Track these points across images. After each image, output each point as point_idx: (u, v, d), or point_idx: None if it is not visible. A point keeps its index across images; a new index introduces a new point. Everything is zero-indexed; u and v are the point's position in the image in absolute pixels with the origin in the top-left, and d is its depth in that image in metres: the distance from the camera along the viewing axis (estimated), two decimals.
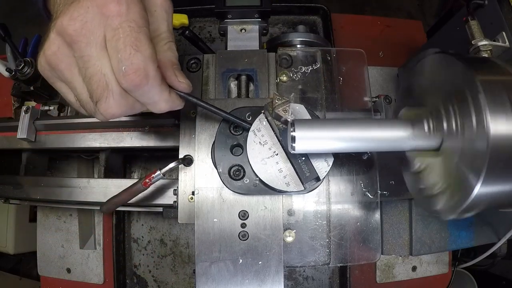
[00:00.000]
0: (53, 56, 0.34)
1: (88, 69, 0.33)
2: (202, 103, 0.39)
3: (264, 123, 0.41)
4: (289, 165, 0.41)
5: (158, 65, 0.34)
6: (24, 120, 0.55)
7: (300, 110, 0.42)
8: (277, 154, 0.41)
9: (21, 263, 1.40)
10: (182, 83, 0.37)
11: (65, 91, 0.38)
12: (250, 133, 0.41)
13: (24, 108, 0.56)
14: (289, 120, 0.39)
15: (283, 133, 0.41)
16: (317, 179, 0.41)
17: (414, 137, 0.38)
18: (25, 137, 0.54)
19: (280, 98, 0.40)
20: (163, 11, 0.38)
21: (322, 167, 0.41)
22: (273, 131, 0.41)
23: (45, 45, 0.35)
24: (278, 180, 0.41)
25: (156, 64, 0.33)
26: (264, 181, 0.41)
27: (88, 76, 0.33)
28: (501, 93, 0.31)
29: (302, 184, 0.41)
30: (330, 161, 0.41)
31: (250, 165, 0.41)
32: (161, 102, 0.36)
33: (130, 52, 0.32)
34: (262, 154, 0.41)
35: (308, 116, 0.42)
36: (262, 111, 0.42)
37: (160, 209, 0.54)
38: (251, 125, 0.42)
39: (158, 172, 0.44)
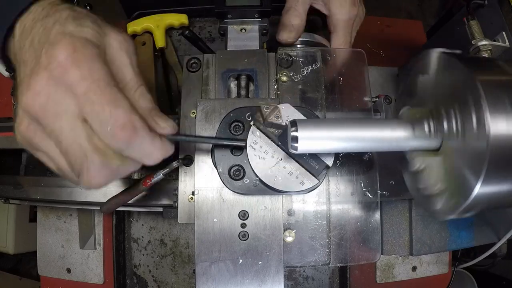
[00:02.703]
0: (26, 133, 0.33)
1: (62, 142, 0.32)
2: (191, 138, 0.39)
3: (258, 133, 0.42)
4: (296, 165, 0.41)
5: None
6: None
7: (288, 109, 0.42)
8: (281, 159, 0.41)
9: (21, 263, 1.40)
10: (165, 128, 0.35)
11: (46, 161, 0.35)
12: (249, 149, 0.41)
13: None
14: (284, 124, 0.39)
15: (281, 138, 0.41)
16: (327, 167, 0.42)
17: (415, 137, 0.38)
18: None
19: (268, 105, 0.40)
20: (124, 55, 0.35)
21: (327, 156, 0.42)
22: (270, 139, 0.41)
23: (16, 120, 0.33)
24: (292, 183, 0.41)
25: (138, 114, 0.32)
26: (280, 189, 0.41)
27: (64, 149, 0.32)
28: (501, 93, 0.31)
29: (315, 177, 0.41)
30: None
31: (261, 179, 0.41)
32: (155, 151, 0.34)
33: (110, 111, 0.30)
34: (268, 164, 0.41)
35: (297, 112, 0.42)
36: (252, 123, 0.42)
37: (160, 209, 0.54)
38: (245, 140, 0.41)
39: (159, 172, 0.44)
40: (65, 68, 0.30)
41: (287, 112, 0.42)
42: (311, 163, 0.41)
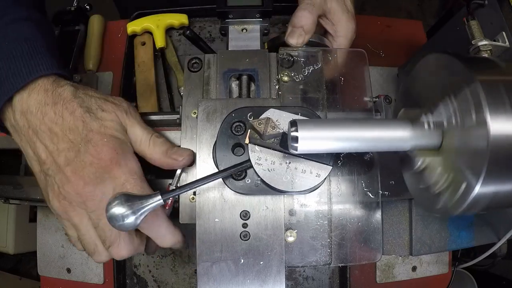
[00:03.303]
0: (63, 212, 0.40)
1: (101, 220, 0.38)
2: (198, 184, 0.40)
3: (257, 148, 0.41)
4: (306, 161, 0.41)
5: (157, 162, 0.42)
6: None
7: (276, 114, 0.42)
8: (290, 163, 0.41)
9: (21, 263, 1.40)
10: (183, 159, 0.42)
11: (69, 230, 0.43)
12: (256, 167, 0.41)
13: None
14: (281, 130, 0.39)
15: (281, 142, 0.41)
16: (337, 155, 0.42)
17: (415, 137, 0.38)
18: None
19: (258, 121, 0.40)
20: (132, 118, 0.42)
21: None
22: (271, 148, 0.41)
23: (49, 198, 0.41)
24: (309, 179, 0.41)
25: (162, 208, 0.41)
26: (303, 189, 0.41)
27: (101, 226, 0.39)
28: (501, 93, 0.31)
29: (327, 164, 0.42)
30: None
31: (279, 190, 0.41)
32: (168, 235, 0.42)
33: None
34: (279, 172, 0.41)
35: (284, 113, 0.42)
36: (246, 143, 0.42)
37: None
38: (248, 161, 0.41)
39: (171, 187, 0.45)
40: (111, 167, 0.38)
41: (277, 116, 0.42)
42: (321, 154, 0.41)
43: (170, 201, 0.44)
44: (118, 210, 0.35)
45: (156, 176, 0.48)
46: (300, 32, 0.51)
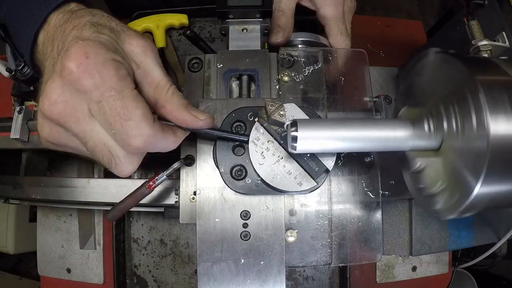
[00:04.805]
0: (50, 137, 0.34)
1: (88, 143, 0.33)
2: (200, 130, 0.39)
3: (261, 130, 0.42)
4: (296, 165, 0.41)
5: (172, 115, 0.35)
6: (17, 120, 0.55)
7: (292, 109, 0.42)
8: (282, 158, 0.41)
9: (21, 263, 1.40)
10: (204, 119, 0.37)
11: (79, 153, 0.38)
12: (251, 144, 0.41)
13: (17, 108, 0.56)
14: (286, 122, 0.39)
15: (283, 136, 0.41)
16: (326, 171, 0.42)
17: (414, 136, 0.38)
18: (18, 137, 0.54)
19: (273, 103, 0.40)
20: (149, 58, 0.36)
21: (328, 158, 0.42)
22: (272, 136, 0.41)
23: (38, 128, 0.35)
24: (290, 183, 0.41)
25: (151, 120, 0.33)
26: (278, 187, 0.41)
27: (90, 149, 0.34)
28: (501, 93, 0.31)
29: (314, 179, 0.41)
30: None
31: (259, 175, 0.41)
32: (169, 145, 0.36)
33: (121, 123, 0.31)
34: (268, 161, 0.41)
35: (302, 113, 0.42)
36: (256, 119, 0.42)
37: (161, 209, 0.54)
38: (248, 136, 0.41)
39: (162, 174, 0.43)
40: (77, 76, 0.31)
41: (292, 112, 0.42)
42: (311, 164, 0.41)
43: (153, 185, 0.44)
44: None
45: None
46: (277, 29, 0.53)
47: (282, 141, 0.41)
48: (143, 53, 0.35)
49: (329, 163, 0.42)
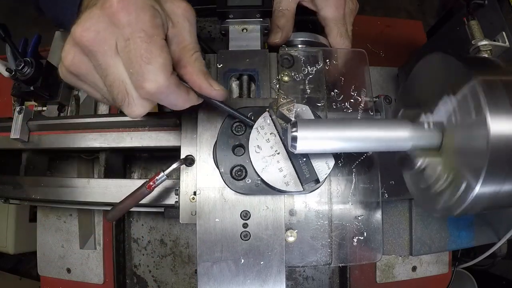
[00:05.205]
0: (72, 65, 0.35)
1: (107, 76, 0.34)
2: (212, 101, 0.39)
3: (268, 121, 0.42)
4: (290, 164, 0.41)
5: (190, 76, 0.36)
6: (17, 120, 0.55)
7: (305, 111, 0.42)
8: (278, 153, 0.41)
9: (21, 263, 1.40)
10: (218, 90, 0.37)
11: (92, 92, 0.38)
12: (253, 131, 0.41)
13: (17, 109, 0.56)
14: (292, 119, 0.39)
15: (284, 133, 0.41)
16: (317, 181, 0.41)
17: (415, 137, 0.38)
18: (18, 137, 0.54)
19: (286, 97, 0.40)
20: (186, 21, 0.37)
21: (322, 169, 0.41)
22: (276, 129, 0.41)
23: (62, 54, 0.36)
24: (278, 179, 0.41)
25: (169, 71, 0.34)
26: (264, 179, 0.41)
27: (108, 83, 0.34)
28: (501, 93, 0.31)
29: (302, 185, 0.41)
30: (331, 163, 0.41)
31: (252, 163, 0.41)
32: (180, 102, 0.37)
33: (140, 65, 0.32)
34: (264, 152, 0.41)
35: (312, 116, 0.42)
36: (267, 109, 0.42)
37: (161, 209, 0.54)
38: (254, 121, 0.42)
39: (162, 174, 0.43)
40: (116, 11, 0.32)
41: (302, 112, 0.42)
42: (304, 169, 0.41)
43: (153, 185, 0.44)
44: None
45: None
46: (276, 30, 0.54)
47: (283, 137, 0.41)
48: (182, 15, 0.37)
49: (322, 173, 0.41)
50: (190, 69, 0.36)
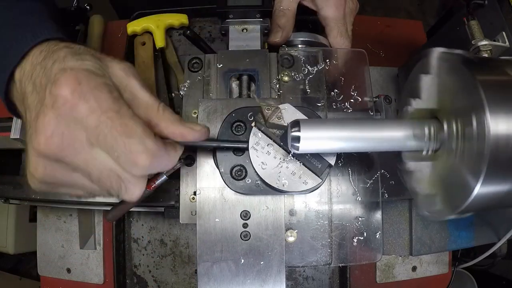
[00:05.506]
0: (45, 176, 0.33)
1: (92, 173, 0.32)
2: (196, 143, 0.38)
3: (260, 135, 0.42)
4: (299, 164, 0.41)
5: (168, 130, 0.35)
6: (17, 120, 0.55)
7: (289, 110, 0.42)
8: (284, 160, 0.41)
9: (21, 263, 1.40)
10: (200, 130, 0.36)
11: (73, 192, 0.36)
12: (251, 151, 0.41)
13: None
14: (285, 124, 0.39)
15: (283, 138, 0.41)
16: (329, 166, 0.42)
17: (415, 137, 0.38)
18: (18, 137, 0.54)
19: (269, 106, 0.40)
20: (133, 80, 0.35)
21: (328, 155, 0.42)
22: (272, 139, 0.41)
23: (29, 169, 0.33)
24: (296, 183, 0.41)
25: (152, 135, 0.32)
26: (284, 189, 0.41)
27: (96, 179, 0.32)
28: (501, 93, 0.31)
29: (319, 176, 0.41)
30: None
31: (262, 178, 0.41)
32: (171, 161, 0.35)
33: (124, 143, 0.30)
34: (270, 165, 0.41)
35: (298, 112, 0.42)
36: (253, 125, 0.42)
37: (161, 209, 0.54)
38: (247, 142, 0.41)
39: (162, 174, 0.43)
40: (72, 104, 0.30)
41: (289, 113, 0.42)
42: (314, 162, 0.41)
43: (153, 185, 0.44)
44: None
45: None
46: (276, 29, 0.53)
47: (282, 143, 0.41)
48: (126, 76, 0.35)
49: (331, 158, 0.42)
50: (165, 124, 0.35)
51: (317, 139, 0.36)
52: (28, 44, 0.35)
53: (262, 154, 0.41)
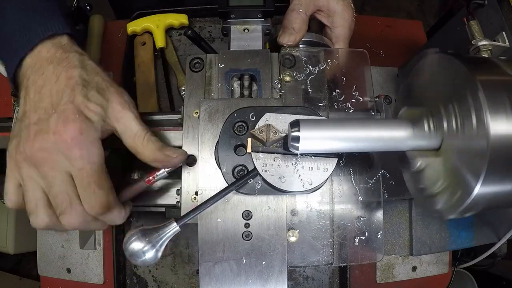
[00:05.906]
0: (15, 165, 0.38)
1: (53, 188, 0.37)
2: (199, 211, 0.41)
3: (261, 156, 0.41)
4: (313, 158, 0.41)
5: (149, 159, 0.41)
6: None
7: (271, 117, 0.42)
8: (297, 163, 0.41)
9: (21, 263, 1.40)
10: (177, 156, 0.42)
11: (23, 192, 0.40)
12: (264, 174, 0.41)
13: (17, 108, 0.55)
14: (283, 134, 0.39)
15: (285, 146, 0.41)
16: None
17: (415, 136, 0.38)
18: None
19: (260, 130, 0.40)
20: (128, 113, 0.41)
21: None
22: (275, 153, 0.41)
23: (9, 167, 0.39)
24: (319, 176, 0.41)
25: (115, 193, 0.40)
26: (315, 186, 0.41)
27: (53, 194, 0.38)
28: (501, 93, 0.31)
29: (333, 156, 0.41)
30: None
31: (287, 190, 0.41)
32: (120, 220, 0.42)
33: (94, 190, 0.37)
34: (289, 173, 0.41)
35: (280, 115, 0.42)
36: (249, 152, 0.41)
37: (162, 209, 0.54)
38: (255, 170, 0.41)
39: (162, 170, 0.44)
40: (70, 147, 0.37)
41: (275, 120, 0.42)
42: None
43: (153, 180, 0.44)
44: (137, 245, 0.37)
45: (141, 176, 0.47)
46: (291, 31, 0.53)
47: (285, 150, 0.41)
48: (122, 109, 0.41)
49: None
50: (147, 153, 0.41)
51: (317, 139, 0.36)
52: (45, 34, 0.40)
53: (276, 171, 0.41)
